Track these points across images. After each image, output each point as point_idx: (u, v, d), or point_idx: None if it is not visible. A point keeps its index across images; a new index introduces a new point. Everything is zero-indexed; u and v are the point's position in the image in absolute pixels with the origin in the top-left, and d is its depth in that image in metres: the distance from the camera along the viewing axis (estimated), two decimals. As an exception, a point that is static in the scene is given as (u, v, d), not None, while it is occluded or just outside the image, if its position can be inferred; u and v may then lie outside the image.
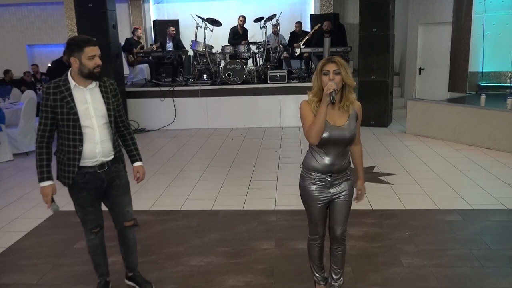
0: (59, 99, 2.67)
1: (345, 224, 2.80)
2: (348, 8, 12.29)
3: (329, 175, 2.67)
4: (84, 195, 2.83)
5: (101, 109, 2.76)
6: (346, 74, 2.52)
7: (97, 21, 8.06)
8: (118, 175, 2.93)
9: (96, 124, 2.75)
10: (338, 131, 2.58)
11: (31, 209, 4.92)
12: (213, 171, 6.10)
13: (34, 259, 3.76)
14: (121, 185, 2.96)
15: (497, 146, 6.61)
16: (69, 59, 2.68)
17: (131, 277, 3.25)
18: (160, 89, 9.09)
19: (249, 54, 9.73)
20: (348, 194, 2.73)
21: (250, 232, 4.13)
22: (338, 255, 2.89)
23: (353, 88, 2.60)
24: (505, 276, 3.25)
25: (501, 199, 4.72)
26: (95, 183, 2.83)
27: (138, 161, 3.06)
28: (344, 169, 2.68)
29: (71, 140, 2.72)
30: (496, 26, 8.51)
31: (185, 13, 11.51)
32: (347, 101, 2.59)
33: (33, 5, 13.19)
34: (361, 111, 2.68)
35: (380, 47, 8.39)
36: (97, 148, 2.76)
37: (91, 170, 2.79)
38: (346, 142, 2.61)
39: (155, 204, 4.92)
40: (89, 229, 2.95)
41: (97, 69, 2.68)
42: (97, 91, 2.77)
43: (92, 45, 2.64)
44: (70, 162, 2.75)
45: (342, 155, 2.65)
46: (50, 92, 2.68)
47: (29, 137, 7.47)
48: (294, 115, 9.02)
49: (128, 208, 3.02)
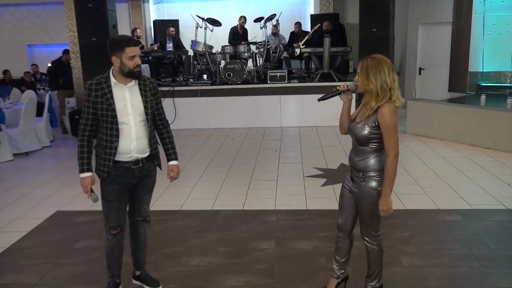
0: (100, 95, 2.76)
1: (362, 225, 2.77)
2: (348, 8, 12.29)
3: (350, 169, 2.74)
4: (113, 187, 2.88)
5: (138, 107, 2.84)
6: (363, 77, 2.51)
7: (97, 21, 8.07)
8: (149, 174, 2.99)
9: (133, 121, 2.82)
10: (353, 125, 2.66)
11: (31, 209, 4.92)
12: (213, 171, 6.10)
13: (34, 259, 3.76)
14: (148, 184, 3.03)
15: (497, 146, 6.61)
16: (111, 58, 2.77)
17: (138, 276, 3.25)
18: (160, 89, 9.07)
19: (249, 54, 9.74)
20: (359, 197, 2.68)
21: (250, 232, 4.13)
22: (367, 254, 2.85)
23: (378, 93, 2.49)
24: (505, 276, 3.25)
25: (501, 199, 4.72)
26: (127, 178, 2.89)
27: (174, 160, 3.13)
28: (359, 169, 2.64)
29: (108, 136, 2.80)
30: (496, 26, 8.52)
31: (185, 13, 11.52)
32: (366, 103, 2.56)
33: (33, 5, 13.20)
34: (384, 119, 2.48)
35: (380, 47, 8.38)
36: (132, 145, 2.83)
37: (126, 165, 2.86)
38: (356, 139, 2.62)
39: (155, 204, 4.92)
40: (109, 228, 2.97)
41: (137, 68, 2.77)
42: (136, 89, 2.85)
43: (132, 45, 2.73)
44: (106, 156, 2.83)
45: (358, 153, 2.65)
46: (92, 88, 2.77)
47: (29, 137, 7.47)
48: (294, 115, 9.03)
49: (146, 206, 3.09)
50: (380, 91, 2.49)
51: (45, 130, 8.10)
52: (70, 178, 5.90)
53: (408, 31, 10.65)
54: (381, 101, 2.50)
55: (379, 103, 2.50)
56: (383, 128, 2.50)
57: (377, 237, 2.78)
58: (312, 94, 8.85)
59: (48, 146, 8.04)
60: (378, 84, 2.48)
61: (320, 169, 5.97)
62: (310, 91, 8.89)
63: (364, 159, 2.62)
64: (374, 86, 2.49)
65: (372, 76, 2.48)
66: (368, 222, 2.73)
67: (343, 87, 2.66)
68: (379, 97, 2.50)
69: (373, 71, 2.48)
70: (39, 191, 5.50)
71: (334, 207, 4.62)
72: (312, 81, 9.11)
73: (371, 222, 2.73)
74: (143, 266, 3.25)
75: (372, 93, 2.51)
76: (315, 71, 9.66)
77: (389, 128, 2.49)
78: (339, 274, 2.99)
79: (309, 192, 5.12)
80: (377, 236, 2.77)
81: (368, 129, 2.55)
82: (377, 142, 2.57)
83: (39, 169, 6.63)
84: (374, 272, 2.84)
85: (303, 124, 8.92)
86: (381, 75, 2.48)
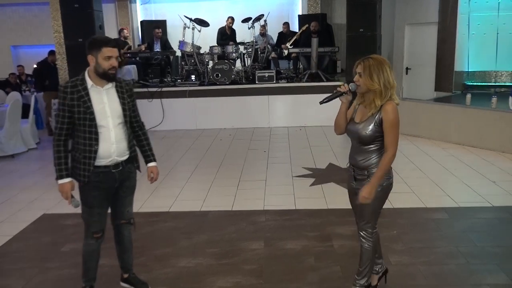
0: (76, 98, 2.70)
1: (361, 221, 2.81)
2: (336, 9, 12.35)
3: (353, 168, 2.76)
4: (95, 194, 2.84)
5: (117, 109, 2.81)
6: (368, 78, 2.53)
7: (84, 21, 7.98)
8: (129, 176, 2.98)
9: (112, 124, 2.78)
10: (353, 126, 2.69)
11: (17, 213, 4.85)
12: (201, 172, 6.09)
13: (21, 263, 3.71)
14: (130, 187, 3.02)
15: (482, 144, 6.70)
16: (87, 57, 2.73)
17: (126, 278, 3.22)
18: (147, 90, 9.04)
19: (237, 54, 9.73)
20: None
21: (239, 232, 4.12)
22: (360, 251, 2.86)
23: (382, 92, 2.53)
24: (491, 272, 3.29)
25: (486, 196, 4.78)
26: (108, 183, 2.85)
27: (153, 162, 3.11)
28: (363, 167, 2.68)
29: (87, 139, 2.74)
30: (481, 26, 8.63)
31: (172, 13, 11.48)
32: (370, 103, 2.59)
33: (17, 6, 13.01)
34: (388, 115, 2.54)
35: (368, 47, 8.41)
36: (112, 148, 2.80)
37: (106, 170, 2.81)
38: (359, 139, 2.64)
39: (143, 205, 4.89)
40: (92, 233, 2.92)
41: (112, 70, 2.72)
42: (113, 92, 2.82)
43: (110, 46, 2.69)
44: (85, 160, 2.77)
45: (361, 153, 2.67)
46: (67, 91, 2.70)
47: (15, 139, 7.38)
48: (282, 115, 9.04)
49: (129, 208, 3.08)
50: (384, 90, 2.53)
51: (31, 132, 8.00)
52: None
53: (395, 31, 10.73)
54: (384, 99, 2.55)
55: (382, 102, 2.56)
56: (386, 125, 2.55)
57: (373, 235, 2.82)
58: (301, 94, 8.89)
59: (34, 148, 7.94)
60: (382, 83, 2.52)
61: (309, 169, 5.99)
62: (299, 91, 8.92)
63: (367, 159, 2.66)
64: (378, 86, 2.53)
65: (375, 76, 2.52)
66: (368, 219, 2.77)
67: (344, 88, 2.67)
68: (382, 96, 2.55)
69: (376, 71, 2.52)
70: (25, 194, 5.43)
71: (323, 207, 4.66)
72: (300, 81, 9.14)
73: (371, 219, 2.77)
74: (131, 268, 3.23)
75: (376, 93, 2.55)
76: (303, 71, 9.69)
77: (392, 125, 2.54)
78: (378, 270, 3.03)
79: (298, 192, 5.13)
80: (373, 233, 2.82)
81: (372, 128, 2.58)
82: (380, 140, 2.61)
83: (25, 171, 6.55)
84: (365, 270, 2.86)
85: (292, 124, 8.94)
86: (383, 74, 2.52)
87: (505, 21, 8.43)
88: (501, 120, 6.46)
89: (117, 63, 2.75)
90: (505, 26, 8.43)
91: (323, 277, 3.31)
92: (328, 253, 3.66)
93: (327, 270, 3.40)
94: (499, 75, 8.69)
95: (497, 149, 6.51)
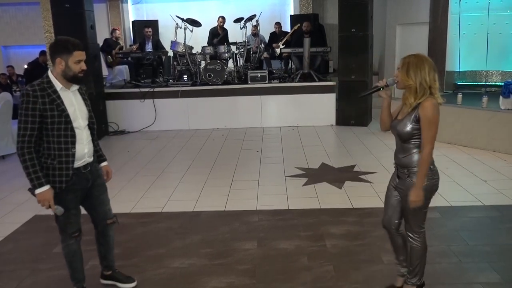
0: (48, 102, 2.62)
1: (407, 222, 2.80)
2: (328, 9, 12.39)
3: (396, 166, 2.78)
4: (70, 197, 2.80)
5: (84, 111, 2.83)
6: (404, 74, 2.54)
7: (75, 21, 7.92)
8: (98, 174, 3.00)
9: (83, 125, 2.80)
10: (395, 123, 2.71)
11: (8, 214, 4.81)
12: (194, 172, 6.07)
13: (12, 264, 3.68)
14: (102, 184, 3.02)
15: (473, 144, 6.75)
16: (53, 59, 2.66)
17: (110, 275, 3.23)
18: (139, 90, 9.00)
19: (230, 54, 9.72)
20: (405, 193, 2.69)
21: (232, 232, 4.12)
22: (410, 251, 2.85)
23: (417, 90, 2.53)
24: (482, 271, 3.31)
25: (478, 195, 4.82)
26: (81, 184, 2.84)
27: (105, 161, 3.12)
28: (403, 165, 2.69)
29: (63, 143, 2.68)
30: (472, 26, 8.69)
31: (164, 13, 11.43)
32: (405, 99, 2.60)
33: (8, 6, 12.91)
34: (425, 112, 2.53)
35: (359, 47, 8.47)
36: (86, 149, 2.81)
37: (77, 172, 2.80)
38: (399, 136, 2.67)
39: (136, 206, 4.88)
40: (70, 234, 2.89)
41: (82, 73, 2.71)
42: (78, 94, 2.83)
43: (81, 49, 2.68)
44: (62, 165, 2.71)
45: (401, 150, 2.70)
46: (37, 95, 2.60)
47: (5, 140, 7.31)
48: (275, 115, 9.05)
49: (108, 206, 3.07)
50: (419, 88, 2.53)
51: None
52: (48, 182, 5.80)
53: (387, 31, 10.79)
54: (420, 98, 2.54)
55: (418, 100, 2.55)
56: (424, 121, 2.54)
57: (421, 234, 2.80)
58: (293, 94, 8.90)
59: (25, 149, 7.87)
60: (418, 81, 2.52)
61: (302, 169, 6.00)
62: (291, 91, 8.93)
63: (407, 155, 2.66)
64: (413, 83, 2.53)
65: (412, 73, 2.52)
66: (413, 219, 2.76)
67: (382, 82, 2.70)
68: (417, 94, 2.55)
69: (414, 68, 2.52)
70: (16, 195, 5.39)
71: (316, 207, 4.67)
72: (292, 81, 9.15)
73: (416, 218, 2.76)
74: (114, 265, 3.25)
75: (411, 90, 2.56)
76: (295, 71, 9.70)
77: (429, 121, 2.53)
78: (403, 272, 3.00)
79: (291, 192, 5.14)
80: (421, 232, 2.80)
81: (410, 125, 2.59)
82: (419, 138, 2.61)
83: (16, 172, 6.48)
84: (416, 269, 2.85)
85: (284, 124, 8.95)
86: (421, 73, 2.52)
87: (495, 21, 8.50)
88: (492, 119, 6.52)
89: (85, 66, 2.75)
90: (495, 26, 8.50)
91: (316, 276, 3.31)
92: (321, 253, 3.67)
93: (320, 269, 3.40)
94: (489, 74, 8.76)
95: (488, 148, 6.56)
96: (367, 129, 8.51)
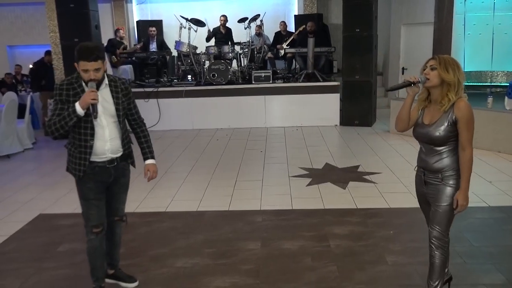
0: (72, 95, 2.76)
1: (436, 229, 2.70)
2: (332, 9, 12.36)
3: (423, 171, 2.69)
4: (90, 185, 2.88)
5: (109, 109, 2.85)
6: (445, 71, 2.47)
7: (79, 21, 7.96)
8: (124, 173, 3.04)
9: (106, 122, 2.84)
10: (422, 128, 2.61)
11: (13, 213, 4.83)
12: (198, 172, 6.08)
13: (16, 263, 3.69)
14: (124, 183, 3.09)
15: (478, 145, 6.69)
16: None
17: (113, 274, 3.25)
18: (144, 90, 9.02)
19: (234, 54, 9.72)
20: (438, 198, 2.62)
21: (236, 232, 4.12)
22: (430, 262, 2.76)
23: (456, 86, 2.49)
24: (487, 272, 3.30)
25: (482, 196, 4.80)
26: (103, 176, 2.91)
27: (150, 159, 3.16)
28: (436, 170, 2.60)
29: (82, 135, 2.80)
30: (477, 26, 8.67)
31: (168, 13, 11.44)
32: (443, 97, 2.52)
33: (13, 6, 12.96)
34: (463, 112, 2.47)
35: (364, 47, 8.45)
36: (107, 146, 2.86)
37: (101, 165, 2.88)
38: (431, 141, 2.57)
39: (140, 205, 4.89)
40: (91, 227, 2.93)
41: (91, 82, 2.72)
42: (107, 91, 2.85)
43: (84, 59, 2.67)
44: (81, 155, 2.83)
45: (434, 154, 2.60)
46: (63, 88, 2.77)
47: (10, 139, 7.34)
48: (279, 115, 9.05)
49: (122, 206, 3.13)
50: (457, 85, 2.49)
51: (27, 132, 7.97)
52: (53, 181, 5.82)
53: (391, 31, 10.75)
54: (457, 95, 2.50)
55: (456, 96, 2.50)
56: (463, 122, 2.48)
57: (446, 242, 2.72)
58: (297, 94, 8.89)
59: (30, 148, 7.91)
60: (456, 77, 2.49)
61: (305, 169, 5.99)
62: (295, 91, 8.93)
63: (441, 159, 2.58)
64: (453, 78, 2.48)
65: (451, 69, 2.48)
66: (445, 225, 2.67)
67: (413, 78, 2.62)
68: (455, 91, 2.50)
69: (452, 65, 2.49)
70: (21, 194, 5.41)
71: (320, 207, 4.67)
72: (296, 81, 9.15)
73: (447, 225, 2.68)
74: (118, 264, 3.27)
75: (450, 86, 2.49)
76: (299, 71, 9.69)
77: (468, 121, 2.49)
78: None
79: (295, 192, 5.14)
80: (447, 241, 2.72)
81: (445, 128, 2.52)
82: (454, 140, 2.55)
83: (21, 171, 6.53)
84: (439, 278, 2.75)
85: (288, 124, 8.94)
86: (459, 70, 2.50)
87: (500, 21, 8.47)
88: (497, 120, 6.49)
89: (98, 75, 2.72)
90: (500, 26, 8.47)
91: (320, 277, 3.31)
92: (324, 253, 3.66)
93: (323, 270, 3.40)
94: (494, 75, 8.72)
95: (493, 149, 6.53)
96: (371, 129, 8.49)
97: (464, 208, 2.61)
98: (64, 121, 2.72)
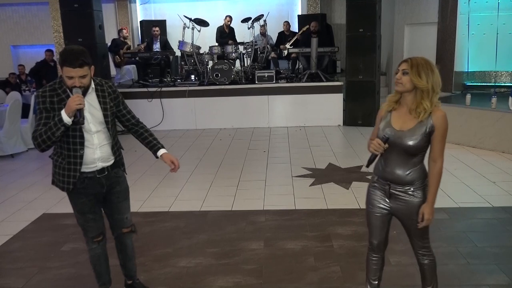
0: (57, 101, 2.56)
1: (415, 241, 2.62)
2: (335, 9, 12.36)
3: (387, 184, 2.48)
4: (83, 200, 2.74)
5: (97, 116, 2.68)
6: (417, 76, 2.26)
7: (83, 21, 7.98)
8: (118, 180, 2.85)
9: (94, 129, 2.66)
10: (397, 134, 2.37)
11: (17, 212, 4.85)
12: (201, 172, 6.09)
13: (20, 262, 3.71)
14: (121, 191, 2.89)
15: (482, 145, 6.70)
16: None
17: (130, 285, 3.17)
18: (147, 90, 9.04)
19: (237, 54, 9.72)
20: (409, 212, 2.47)
21: (239, 232, 4.12)
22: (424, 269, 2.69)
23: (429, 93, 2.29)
24: (491, 273, 3.29)
25: (486, 197, 4.79)
26: (94, 188, 2.74)
27: (162, 148, 2.99)
28: (405, 182, 2.41)
29: (71, 144, 2.62)
30: (481, 26, 8.62)
31: (172, 13, 11.47)
32: (418, 106, 2.31)
33: (17, 6, 13.01)
34: (441, 123, 2.32)
35: (367, 47, 8.43)
36: (96, 154, 2.69)
37: (90, 175, 2.70)
38: (405, 150, 2.37)
39: (143, 205, 4.89)
40: (91, 238, 2.85)
41: (77, 88, 2.51)
42: (93, 97, 2.67)
43: (68, 65, 2.46)
44: (70, 166, 2.65)
45: (404, 165, 2.40)
46: (46, 95, 2.57)
47: (14, 139, 7.37)
48: (282, 115, 9.04)
49: (127, 215, 2.96)
50: (431, 91, 2.29)
51: (30, 132, 7.99)
52: (57, 180, 5.84)
53: (395, 31, 10.74)
54: (432, 103, 2.31)
55: (431, 105, 2.31)
56: (439, 133, 2.33)
57: (430, 247, 2.65)
58: (300, 94, 8.89)
59: (34, 148, 7.93)
60: (430, 83, 2.28)
61: (308, 169, 5.99)
62: (298, 91, 8.92)
63: (413, 170, 2.41)
64: (427, 84, 2.27)
65: (424, 74, 2.27)
66: (422, 236, 2.58)
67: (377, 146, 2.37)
68: (429, 98, 2.30)
69: (425, 70, 2.28)
70: (24, 194, 5.43)
71: (323, 207, 4.66)
72: (300, 81, 9.14)
73: (427, 233, 2.58)
74: (135, 275, 3.16)
75: (423, 93, 2.29)
76: (302, 71, 9.69)
77: (445, 132, 2.34)
78: None
79: (298, 192, 5.13)
80: (429, 246, 2.64)
81: (421, 137, 2.34)
82: (425, 151, 2.41)
83: (25, 171, 6.55)
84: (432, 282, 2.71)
85: (291, 124, 8.94)
86: (433, 75, 2.29)
87: (505, 21, 8.43)
88: (501, 120, 6.46)
89: (84, 82, 2.52)
90: (505, 26, 8.43)
91: (323, 277, 3.31)
92: (327, 253, 3.66)
93: (326, 270, 3.40)
94: (498, 75, 8.68)
95: (497, 149, 6.51)
96: (374, 129, 8.46)
97: (430, 223, 2.46)
98: (50, 132, 2.49)
